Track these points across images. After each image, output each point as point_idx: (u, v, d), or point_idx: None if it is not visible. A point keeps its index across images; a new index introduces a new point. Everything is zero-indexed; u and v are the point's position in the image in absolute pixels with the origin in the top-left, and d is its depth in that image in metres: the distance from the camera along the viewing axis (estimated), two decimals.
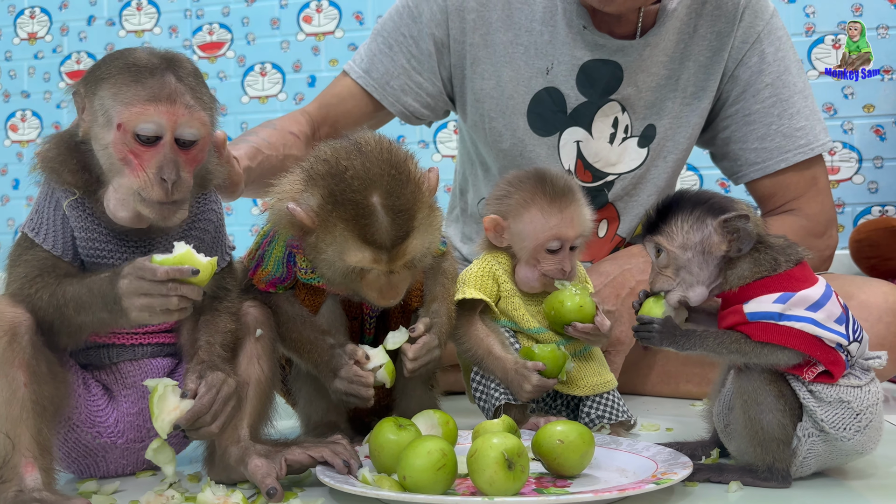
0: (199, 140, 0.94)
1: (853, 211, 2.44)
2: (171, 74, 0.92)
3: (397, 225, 0.97)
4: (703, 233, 0.97)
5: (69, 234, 0.97)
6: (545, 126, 1.57)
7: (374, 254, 0.98)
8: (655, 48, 1.54)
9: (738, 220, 0.95)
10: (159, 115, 0.90)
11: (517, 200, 1.19)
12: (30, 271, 0.94)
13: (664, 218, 0.99)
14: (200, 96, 0.94)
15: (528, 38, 1.55)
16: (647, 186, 1.61)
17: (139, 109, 0.90)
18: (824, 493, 0.92)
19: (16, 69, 2.85)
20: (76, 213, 0.97)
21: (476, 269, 1.22)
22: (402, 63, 1.60)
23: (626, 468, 0.98)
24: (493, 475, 0.85)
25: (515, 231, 1.20)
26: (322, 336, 1.10)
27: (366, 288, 1.03)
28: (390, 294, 1.03)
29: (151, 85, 0.90)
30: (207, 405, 0.91)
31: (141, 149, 0.91)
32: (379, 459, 0.96)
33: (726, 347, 0.94)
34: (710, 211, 0.97)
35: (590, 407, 1.22)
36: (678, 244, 0.98)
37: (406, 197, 0.98)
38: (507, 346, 1.19)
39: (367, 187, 0.97)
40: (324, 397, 1.20)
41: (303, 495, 0.94)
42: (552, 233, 1.17)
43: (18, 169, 2.83)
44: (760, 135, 1.57)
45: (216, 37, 2.69)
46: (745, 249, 0.96)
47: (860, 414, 0.92)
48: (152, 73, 0.91)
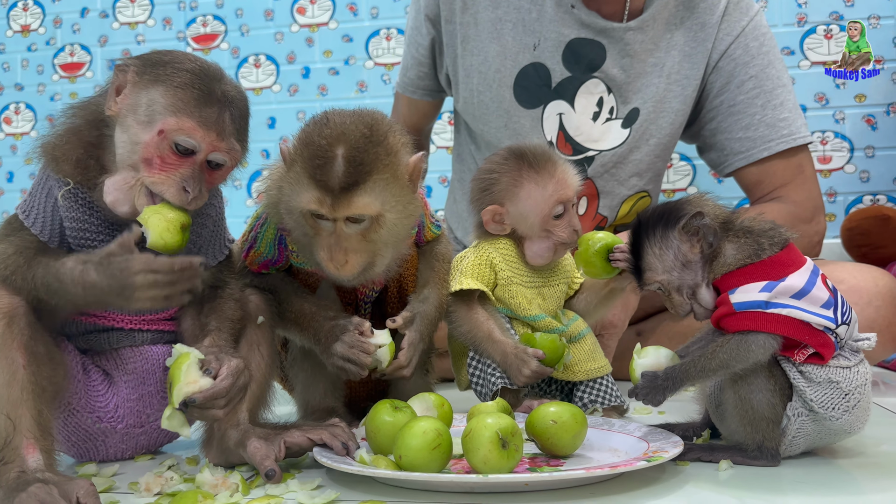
0: (225, 166, 0.99)
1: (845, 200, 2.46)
2: (228, 112, 0.96)
3: (349, 173, 0.98)
4: (672, 249, 0.99)
5: (58, 222, 0.98)
6: (530, 99, 1.61)
7: (320, 194, 0.98)
8: (640, 33, 1.57)
9: (693, 221, 0.97)
10: (203, 140, 0.94)
11: (507, 183, 1.20)
12: (8, 249, 0.95)
13: (638, 255, 1.02)
14: (243, 135, 1.00)
15: (516, 15, 1.60)
16: (628, 167, 1.63)
17: (188, 127, 0.93)
18: (813, 472, 0.94)
19: (9, 62, 2.84)
20: (69, 202, 0.98)
21: (473, 258, 1.22)
22: (413, 53, 1.72)
23: (618, 448, 0.99)
24: (488, 454, 0.86)
25: (516, 212, 1.20)
26: (323, 309, 1.11)
27: (318, 248, 1.03)
28: (339, 258, 1.01)
29: (208, 115, 0.94)
30: (225, 389, 0.91)
31: (172, 157, 0.94)
32: (375, 441, 0.97)
33: (710, 368, 0.94)
34: (668, 225, 0.99)
35: (583, 391, 1.23)
36: (661, 271, 1.00)
37: (369, 154, 0.99)
38: (506, 331, 1.20)
39: (336, 138, 0.99)
40: (321, 382, 1.22)
41: (300, 476, 0.95)
42: (552, 200, 1.18)
43: (13, 161, 2.82)
44: (745, 125, 1.59)
45: (210, 28, 2.69)
46: (715, 242, 0.97)
47: (849, 394, 0.93)
48: (213, 104, 0.95)
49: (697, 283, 0.99)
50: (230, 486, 0.88)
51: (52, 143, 0.99)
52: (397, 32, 2.56)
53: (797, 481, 0.90)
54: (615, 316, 1.36)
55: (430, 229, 1.24)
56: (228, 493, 0.87)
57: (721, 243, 0.98)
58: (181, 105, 0.93)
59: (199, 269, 0.90)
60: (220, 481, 0.89)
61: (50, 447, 0.88)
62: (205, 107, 0.94)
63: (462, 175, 1.82)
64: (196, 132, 0.94)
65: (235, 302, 1.04)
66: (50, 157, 0.99)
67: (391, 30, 2.57)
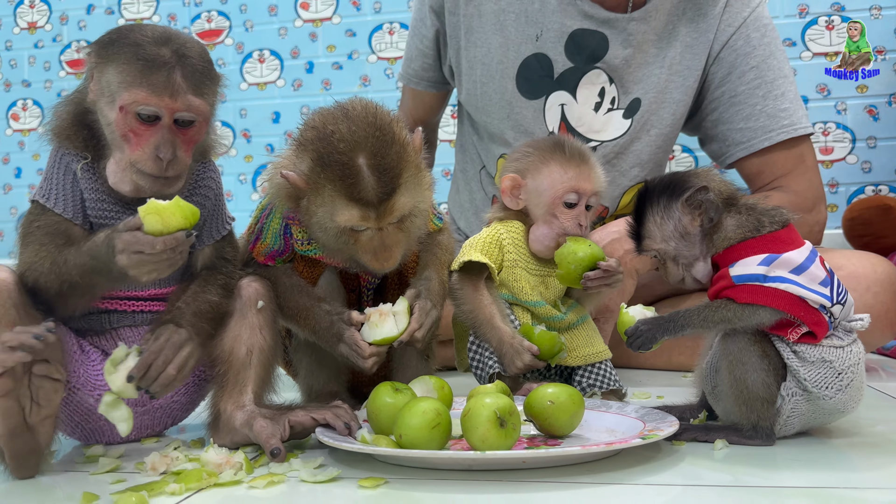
0: (196, 122, 0.99)
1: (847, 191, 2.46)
2: (177, 71, 0.96)
3: (383, 182, 1.00)
4: (673, 219, 1.01)
5: (79, 196, 1.01)
6: (532, 90, 1.63)
7: (362, 211, 1.01)
8: (643, 24, 1.58)
9: (698, 195, 0.99)
10: (159, 104, 0.95)
11: (535, 158, 1.23)
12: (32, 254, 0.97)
13: (640, 221, 1.04)
14: (202, 88, 0.99)
15: (519, 7, 1.61)
16: (629, 157, 1.64)
17: (141, 98, 0.95)
18: (807, 451, 0.95)
19: (16, 58, 2.87)
20: (87, 175, 1.01)
21: (484, 235, 1.25)
22: (417, 45, 1.74)
23: (615, 429, 1.01)
24: (486, 432, 0.88)
25: (533, 187, 1.23)
26: (318, 303, 1.13)
27: (360, 251, 1.06)
28: (384, 255, 1.05)
29: (156, 80, 0.95)
30: (155, 352, 0.94)
31: (141, 127, 0.96)
32: (376, 421, 0.99)
33: (712, 319, 0.96)
34: (672, 195, 1.01)
35: (581, 376, 1.25)
36: (659, 240, 1.02)
37: (391, 157, 1.01)
38: (506, 318, 1.22)
39: (353, 149, 1.00)
40: (324, 368, 1.24)
41: (303, 456, 0.97)
42: (570, 184, 1.20)
43: (20, 157, 2.85)
44: (745, 115, 1.60)
45: (214, 24, 2.71)
46: (716, 217, 0.99)
47: (842, 373, 0.94)
48: (159, 68, 0.95)
49: (696, 255, 1.01)
50: (234, 465, 0.90)
51: (60, 125, 1.03)
52: (400, 27, 2.58)
53: (792, 459, 0.92)
54: (612, 301, 1.37)
55: (433, 220, 1.25)
56: (232, 471, 0.89)
57: (722, 217, 0.99)
58: (130, 78, 0.95)
59: (188, 241, 0.91)
60: (224, 460, 0.91)
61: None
62: (152, 73, 0.95)
63: (465, 166, 1.83)
64: (150, 99, 0.95)
65: (220, 288, 1.05)
66: (63, 136, 1.02)
67: (394, 24, 2.59)
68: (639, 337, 0.99)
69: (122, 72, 0.96)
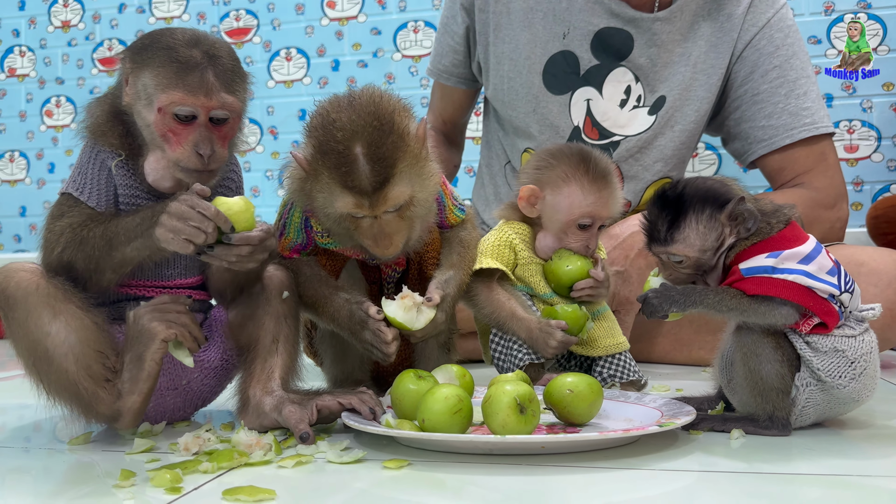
0: (230, 118, 1.04)
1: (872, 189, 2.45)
2: (210, 71, 1.01)
3: (377, 172, 1.03)
4: (716, 231, 0.99)
5: (112, 192, 1.06)
6: (558, 85, 1.65)
7: (356, 199, 1.04)
8: (668, 23, 1.60)
9: (740, 205, 0.98)
10: (195, 104, 1.01)
11: (558, 174, 1.23)
12: (75, 221, 1.03)
13: (677, 225, 1.00)
14: (233, 86, 1.04)
15: (546, 5, 1.65)
16: (653, 153, 1.66)
17: (178, 99, 1.00)
18: (822, 441, 0.97)
19: (50, 56, 2.94)
20: (122, 171, 1.06)
21: (493, 239, 1.27)
22: (448, 41, 1.78)
23: (633, 418, 1.03)
24: (506, 418, 0.91)
25: (551, 203, 1.24)
26: (336, 292, 1.16)
27: (361, 237, 1.09)
28: (385, 243, 1.07)
29: (191, 81, 1.00)
30: (259, 238, 1.00)
31: (179, 126, 1.02)
32: (400, 407, 1.02)
33: (725, 304, 0.97)
34: (716, 206, 0.99)
35: (602, 367, 1.27)
36: (698, 249, 1.00)
37: (387, 146, 1.03)
38: (528, 308, 1.24)
39: (351, 138, 1.03)
40: (349, 357, 1.27)
41: (330, 439, 1.00)
42: (587, 210, 1.21)
43: (54, 153, 2.93)
44: (767, 113, 1.62)
45: (243, 23, 2.76)
46: (753, 228, 0.98)
47: (855, 362, 0.96)
48: (192, 69, 1.00)
49: (714, 262, 1.01)
50: (264, 446, 0.94)
51: (95, 122, 1.08)
52: (425, 25, 2.61)
53: (806, 448, 0.93)
54: (631, 293, 1.39)
55: (454, 212, 1.26)
56: (262, 452, 0.92)
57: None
58: (166, 81, 1.00)
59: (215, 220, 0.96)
60: (254, 441, 0.94)
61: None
62: (186, 75, 1.00)
63: (490, 161, 1.86)
64: (187, 100, 1.00)
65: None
66: (98, 133, 1.07)
67: (419, 22, 2.62)
68: (648, 305, 1.00)
69: (157, 75, 1.01)
